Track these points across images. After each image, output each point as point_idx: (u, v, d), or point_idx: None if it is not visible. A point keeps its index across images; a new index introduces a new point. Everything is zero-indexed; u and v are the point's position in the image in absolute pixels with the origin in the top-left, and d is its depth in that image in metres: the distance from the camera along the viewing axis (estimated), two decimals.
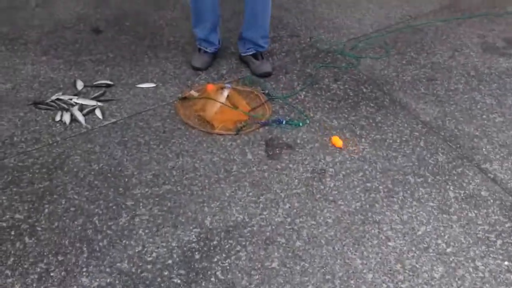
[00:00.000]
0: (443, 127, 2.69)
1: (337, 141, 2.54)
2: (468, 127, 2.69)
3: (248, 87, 2.90)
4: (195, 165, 2.36)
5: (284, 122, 2.65)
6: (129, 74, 2.98)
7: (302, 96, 2.87)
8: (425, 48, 3.41)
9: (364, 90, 2.96)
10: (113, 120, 2.62)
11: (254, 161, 2.39)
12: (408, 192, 2.27)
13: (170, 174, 2.30)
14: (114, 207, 2.12)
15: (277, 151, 2.46)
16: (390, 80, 3.06)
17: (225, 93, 2.70)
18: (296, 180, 2.30)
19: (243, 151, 2.45)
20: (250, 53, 3.02)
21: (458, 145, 2.56)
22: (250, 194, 2.22)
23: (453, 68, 3.22)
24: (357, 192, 2.26)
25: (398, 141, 2.57)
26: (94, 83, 2.87)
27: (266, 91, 2.85)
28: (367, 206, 2.19)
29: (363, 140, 2.57)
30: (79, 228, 2.03)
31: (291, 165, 2.38)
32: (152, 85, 2.89)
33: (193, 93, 2.79)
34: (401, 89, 2.98)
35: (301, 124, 2.64)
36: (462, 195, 2.27)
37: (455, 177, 2.36)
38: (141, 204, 2.14)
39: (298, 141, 2.53)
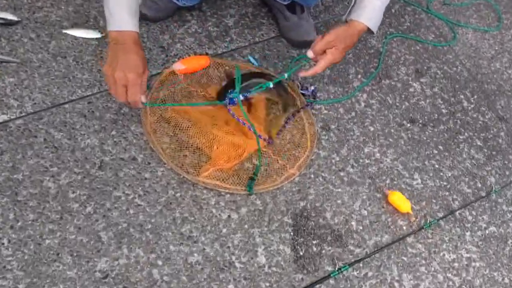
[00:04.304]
0: None
1: (400, 200, 1.38)
2: None
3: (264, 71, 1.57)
4: (153, 275, 1.16)
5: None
6: None
7: (362, 104, 1.60)
8: None
9: (465, 103, 1.70)
10: (5, 117, 1.31)
11: (272, 274, 1.22)
12: None
13: None
14: None
15: (315, 250, 1.28)
16: (509, 89, 1.79)
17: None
18: None
19: (249, 240, 1.25)
20: (285, 2, 1.63)
21: None
22: None
23: None
24: None
25: None
26: None
27: (310, 91, 1.53)
28: None
29: (467, 234, 1.41)
30: None
31: None
32: (95, 35, 1.51)
33: (178, 68, 1.45)
34: None
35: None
36: None
37: None
38: None
39: (353, 223, 1.34)
